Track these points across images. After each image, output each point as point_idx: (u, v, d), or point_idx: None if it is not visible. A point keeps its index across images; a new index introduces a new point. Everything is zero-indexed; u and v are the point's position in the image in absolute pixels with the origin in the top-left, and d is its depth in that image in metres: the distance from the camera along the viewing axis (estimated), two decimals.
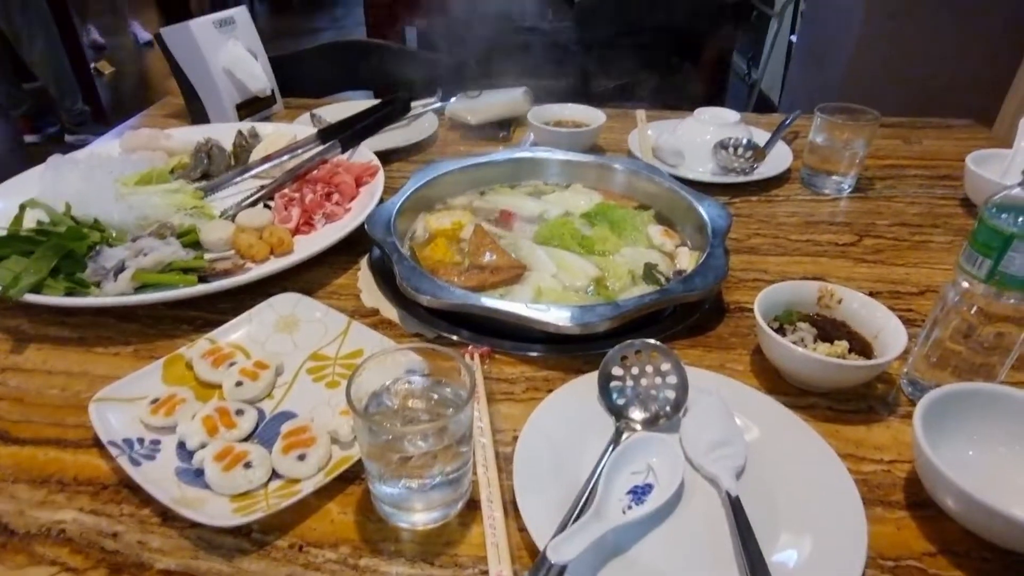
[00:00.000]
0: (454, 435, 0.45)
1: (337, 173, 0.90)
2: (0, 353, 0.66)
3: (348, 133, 0.97)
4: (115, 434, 0.53)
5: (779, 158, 1.03)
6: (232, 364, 0.61)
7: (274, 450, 0.52)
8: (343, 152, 0.97)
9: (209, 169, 0.99)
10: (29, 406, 0.60)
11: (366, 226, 0.77)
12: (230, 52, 1.15)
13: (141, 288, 0.71)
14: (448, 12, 2.84)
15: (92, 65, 3.93)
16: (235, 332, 0.67)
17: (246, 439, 0.55)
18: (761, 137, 1.07)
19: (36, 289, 0.67)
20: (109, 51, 4.73)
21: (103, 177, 0.84)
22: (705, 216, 0.80)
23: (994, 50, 1.85)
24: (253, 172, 0.96)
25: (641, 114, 1.17)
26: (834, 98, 1.00)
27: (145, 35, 5.08)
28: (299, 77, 1.38)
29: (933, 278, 0.79)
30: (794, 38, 2.83)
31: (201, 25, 1.11)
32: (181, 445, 0.53)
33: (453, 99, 1.23)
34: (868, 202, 0.97)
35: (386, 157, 1.03)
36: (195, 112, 1.19)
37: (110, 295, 0.69)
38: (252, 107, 1.21)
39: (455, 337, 0.68)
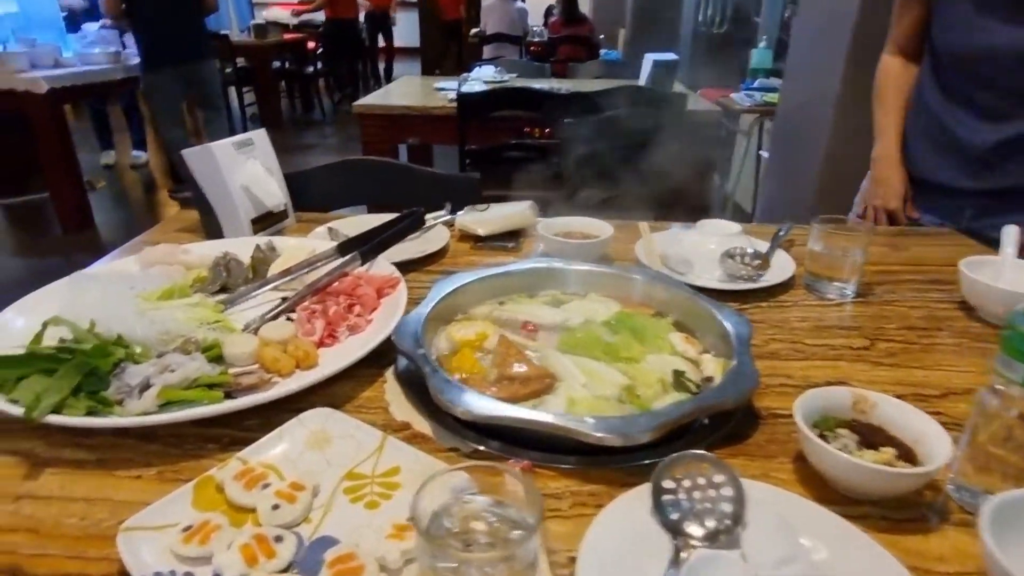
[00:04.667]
0: (523, 561, 0.43)
1: (359, 285, 0.92)
2: (13, 479, 0.63)
3: (368, 246, 0.99)
4: (146, 568, 0.50)
5: (781, 266, 1.08)
6: (266, 486, 0.59)
7: None
8: (362, 264, 0.99)
9: (228, 282, 0.99)
10: (46, 537, 0.56)
11: (394, 338, 0.77)
12: (248, 171, 1.19)
13: (164, 406, 0.69)
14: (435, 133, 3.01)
15: (85, 178, 4.02)
16: (266, 451, 0.64)
17: (286, 569, 0.51)
18: (758, 246, 1.12)
19: (57, 409, 0.65)
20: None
21: (124, 293, 0.83)
22: (726, 324, 0.82)
23: None
24: (272, 285, 0.96)
25: (644, 225, 1.22)
26: (807, 208, 1.06)
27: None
28: (308, 192, 1.42)
29: (951, 380, 0.81)
30: (763, 153, 3.04)
31: (222, 147, 1.16)
32: None
33: (461, 212, 1.28)
34: (872, 306, 1.01)
35: (401, 269, 1.05)
36: (210, 227, 1.21)
37: (134, 413, 0.67)
38: (266, 221, 1.24)
39: (487, 449, 0.67)
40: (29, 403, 0.63)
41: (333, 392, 0.77)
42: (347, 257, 0.97)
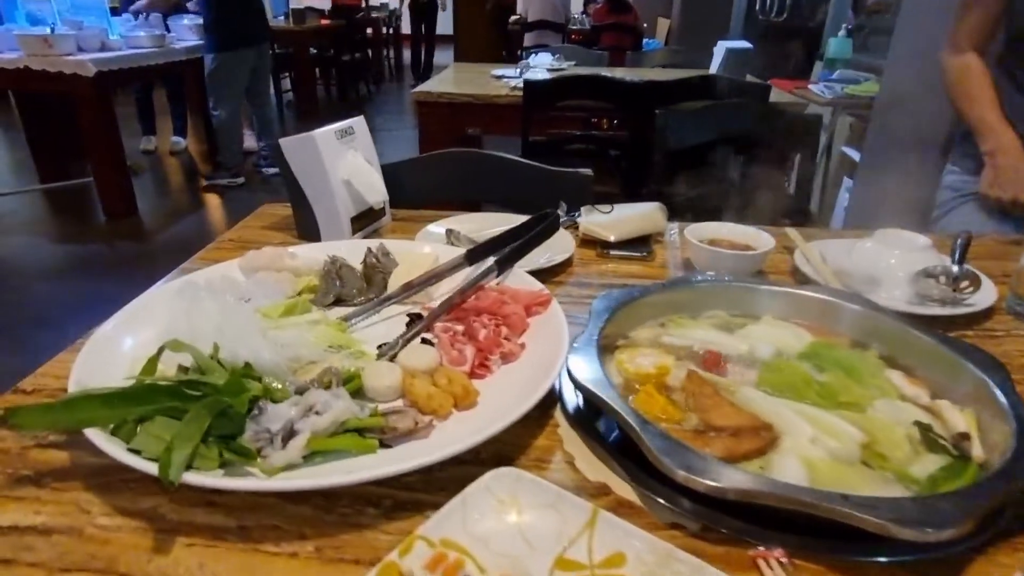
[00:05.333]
0: None
1: (504, 302, 0.78)
2: (139, 552, 0.50)
3: (503, 254, 0.86)
4: None
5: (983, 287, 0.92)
6: None
7: None
8: (498, 276, 0.85)
9: (342, 293, 0.86)
10: None
11: (576, 378, 0.63)
12: (350, 163, 1.06)
13: (309, 456, 0.56)
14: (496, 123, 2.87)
15: (128, 163, 3.95)
16: (448, 526, 0.51)
17: None
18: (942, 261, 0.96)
19: (189, 462, 0.52)
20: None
21: (243, 308, 0.71)
22: (970, 364, 0.67)
23: None
24: (397, 299, 0.83)
25: (794, 233, 1.07)
26: (920, 215, 0.91)
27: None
28: (400, 187, 1.29)
29: None
30: (846, 149, 2.85)
31: (324, 136, 1.02)
32: None
33: (579, 214, 1.14)
34: None
35: None
36: (304, 225, 1.08)
37: (278, 468, 0.54)
38: (364, 220, 1.11)
39: (725, 530, 0.53)
40: (162, 459, 0.50)
41: (498, 439, 0.63)
42: (483, 268, 0.83)
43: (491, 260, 0.85)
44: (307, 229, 1.08)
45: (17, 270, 3.28)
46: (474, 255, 0.88)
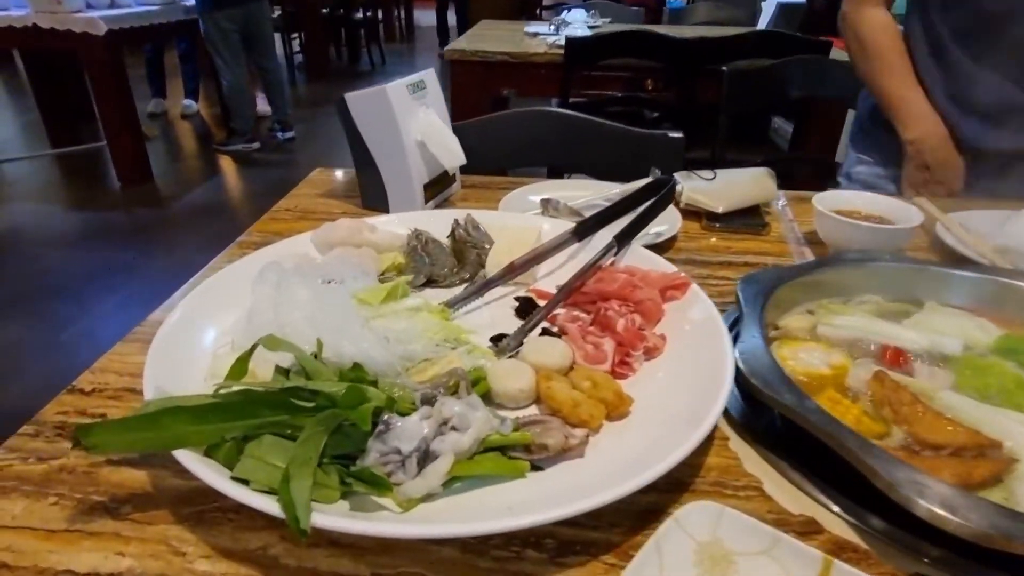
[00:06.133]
0: None
1: (636, 287, 0.66)
2: None
3: (622, 230, 0.73)
4: None
5: None
6: None
7: None
8: (616, 253, 0.73)
9: (432, 272, 0.74)
10: None
11: (757, 385, 0.52)
12: (423, 121, 0.93)
13: (447, 482, 0.45)
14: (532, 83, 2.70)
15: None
16: None
17: None
18: None
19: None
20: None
21: (338, 294, 0.59)
22: None
23: None
24: (501, 282, 0.71)
25: (927, 203, 0.94)
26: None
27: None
28: (467, 150, 1.16)
29: None
30: None
31: (396, 90, 0.89)
32: None
33: (675, 182, 1.01)
34: None
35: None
36: (370, 193, 0.96)
37: (415, 498, 0.44)
38: (436, 187, 0.98)
39: None
40: (282, 496, 0.39)
41: None
42: (603, 246, 0.71)
43: (608, 236, 0.73)
44: (374, 197, 0.96)
45: (31, 238, 3.17)
46: (582, 230, 0.76)
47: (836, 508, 0.47)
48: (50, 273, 2.83)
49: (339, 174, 1.10)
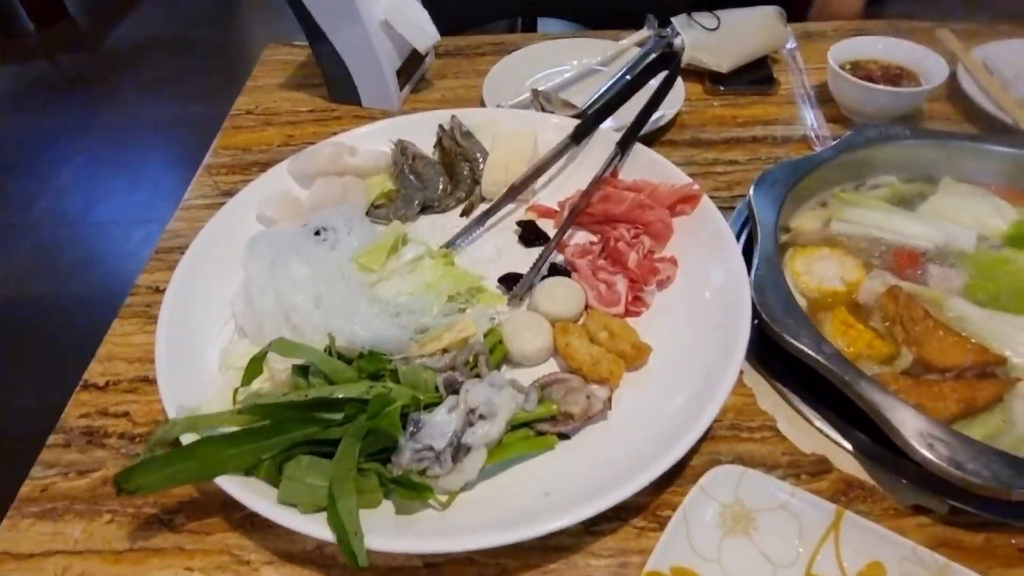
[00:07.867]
0: None
1: (646, 206, 0.62)
2: None
3: (624, 134, 0.67)
4: None
5: None
6: None
7: None
8: (621, 159, 0.68)
9: (425, 197, 0.69)
10: None
11: (778, 332, 0.51)
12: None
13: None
14: None
15: None
16: (675, 552, 0.44)
17: None
18: None
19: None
20: None
21: (340, 266, 0.56)
22: None
23: None
24: (503, 206, 0.67)
25: (949, 36, 0.85)
26: None
27: None
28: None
29: None
30: None
31: None
32: None
33: (673, 30, 0.90)
34: None
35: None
36: (339, 87, 0.86)
37: (453, 492, 0.46)
38: (410, 68, 0.88)
39: (978, 512, 0.46)
40: (338, 532, 0.41)
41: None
42: (607, 159, 0.66)
43: (610, 143, 0.67)
44: (342, 91, 0.86)
45: None
46: (581, 131, 0.69)
47: (848, 445, 0.50)
48: None
49: (295, 52, 0.97)
